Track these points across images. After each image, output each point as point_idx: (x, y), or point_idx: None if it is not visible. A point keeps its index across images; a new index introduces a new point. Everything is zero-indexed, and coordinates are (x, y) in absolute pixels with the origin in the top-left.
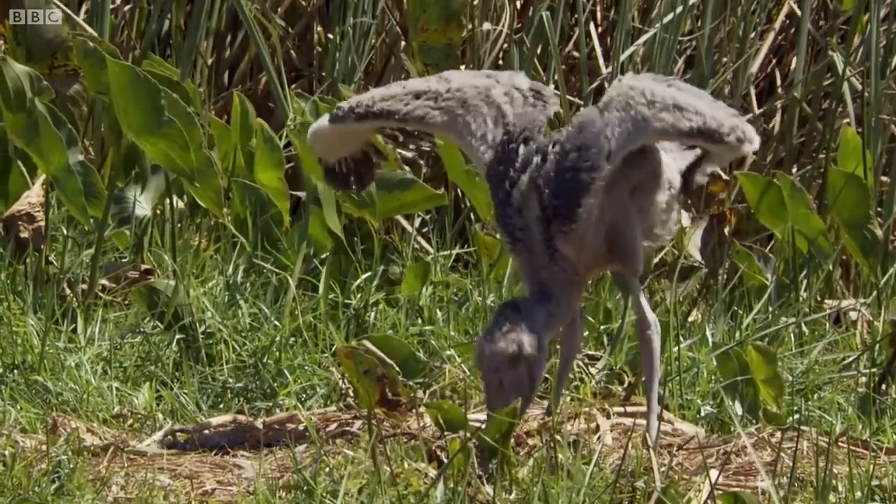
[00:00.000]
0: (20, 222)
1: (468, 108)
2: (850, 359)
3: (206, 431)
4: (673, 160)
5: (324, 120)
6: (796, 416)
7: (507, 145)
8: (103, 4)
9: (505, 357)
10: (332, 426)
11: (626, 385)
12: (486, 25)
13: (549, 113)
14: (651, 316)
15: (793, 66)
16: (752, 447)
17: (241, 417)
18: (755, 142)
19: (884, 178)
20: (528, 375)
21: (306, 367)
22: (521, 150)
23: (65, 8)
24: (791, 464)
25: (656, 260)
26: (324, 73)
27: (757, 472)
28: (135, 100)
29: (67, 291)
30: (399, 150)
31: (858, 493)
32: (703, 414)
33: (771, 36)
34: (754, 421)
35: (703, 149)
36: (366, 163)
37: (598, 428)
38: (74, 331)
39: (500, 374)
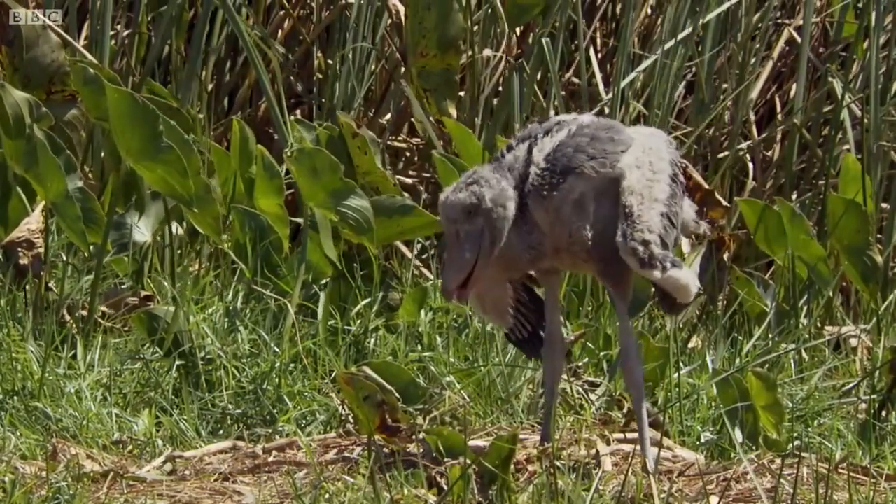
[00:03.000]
0: (20, 249)
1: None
2: (850, 385)
3: (206, 458)
4: (689, 205)
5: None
6: (796, 443)
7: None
8: (103, 31)
9: (462, 207)
10: (332, 452)
11: (625, 411)
12: (487, 52)
13: None
14: (635, 346)
15: (793, 92)
16: (754, 473)
17: (240, 444)
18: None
19: (884, 205)
20: (487, 228)
21: (306, 394)
22: (530, 126)
23: (65, 35)
24: (791, 490)
25: None
26: (324, 99)
27: (758, 498)
28: (133, 126)
29: (67, 318)
30: (398, 176)
31: None
32: (703, 440)
33: (771, 62)
34: (754, 447)
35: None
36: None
37: (597, 454)
38: (74, 357)
39: (457, 224)
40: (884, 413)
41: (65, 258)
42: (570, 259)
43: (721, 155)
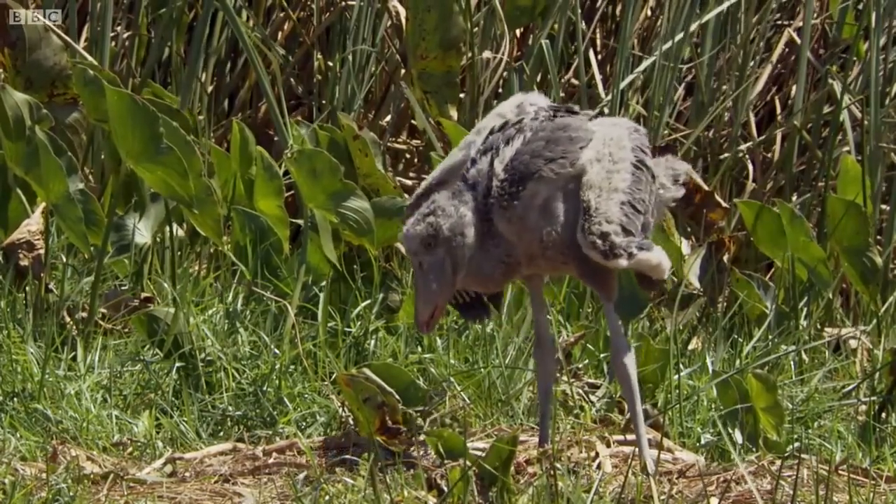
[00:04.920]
0: (20, 250)
1: (480, 131)
2: (850, 387)
3: (207, 460)
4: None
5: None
6: (796, 445)
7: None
8: (103, 32)
9: (420, 240)
10: (332, 454)
11: (626, 413)
12: (486, 53)
13: None
14: (624, 342)
15: (792, 94)
16: (750, 476)
17: (241, 445)
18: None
19: (883, 206)
20: (448, 257)
21: (306, 395)
22: (490, 138)
23: (65, 36)
24: (791, 492)
25: None
26: (324, 101)
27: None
28: (133, 127)
29: (67, 319)
30: (398, 178)
31: None
32: (703, 442)
33: (770, 64)
34: (754, 449)
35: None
36: None
37: (597, 456)
38: (74, 359)
39: (419, 256)
40: (884, 415)
41: (65, 260)
42: (547, 263)
43: (721, 156)
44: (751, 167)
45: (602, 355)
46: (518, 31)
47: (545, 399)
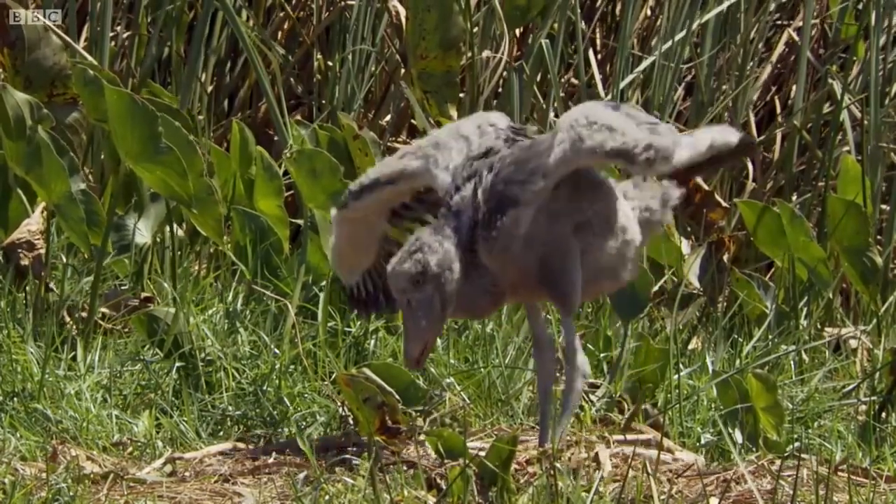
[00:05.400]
0: (20, 250)
1: (440, 146)
2: (851, 387)
3: (208, 458)
4: (632, 209)
5: (333, 221)
6: (796, 444)
7: (465, 162)
8: (103, 32)
9: (408, 278)
10: (332, 454)
11: (626, 413)
12: (486, 53)
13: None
14: (581, 359)
15: (792, 93)
16: (750, 476)
17: (240, 445)
18: (675, 157)
19: (883, 206)
20: (436, 293)
21: (306, 395)
22: (475, 164)
23: (65, 36)
24: (791, 492)
25: (656, 288)
26: (324, 101)
27: (757, 499)
28: (132, 127)
29: (67, 319)
30: None
31: None
32: (703, 442)
33: (770, 64)
34: (754, 449)
35: (627, 170)
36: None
37: (597, 455)
38: (74, 358)
39: (407, 294)
40: (884, 415)
41: (65, 259)
42: (528, 292)
43: None
44: (751, 167)
45: (602, 355)
46: (518, 31)
47: (545, 399)
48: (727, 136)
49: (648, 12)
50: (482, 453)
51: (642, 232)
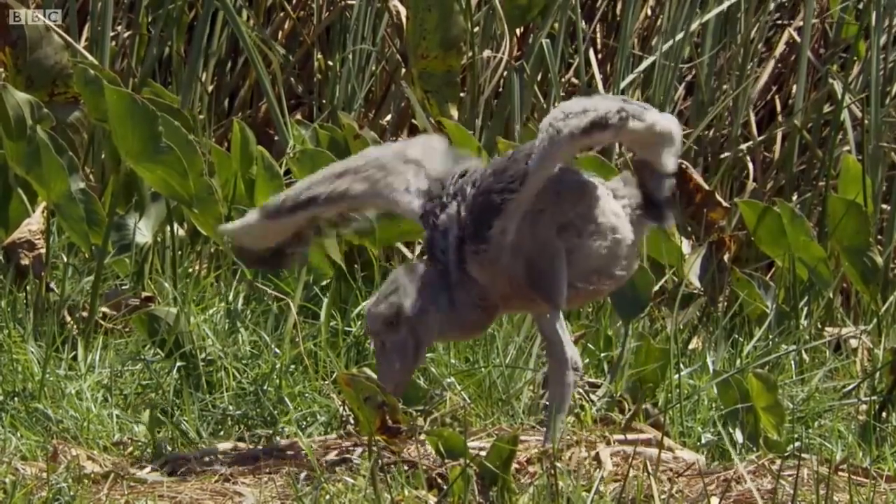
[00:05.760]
0: (21, 250)
1: (387, 170)
2: (851, 386)
3: (208, 458)
4: (623, 206)
5: (251, 217)
6: (797, 444)
7: (444, 181)
8: (103, 32)
9: (383, 320)
10: (333, 453)
11: (627, 412)
12: (487, 53)
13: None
14: (571, 351)
15: (793, 93)
16: (749, 476)
17: (241, 445)
18: (646, 117)
19: (884, 206)
20: (410, 336)
21: (307, 395)
22: (457, 181)
23: (65, 35)
24: (791, 492)
25: (656, 288)
26: (324, 101)
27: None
28: (132, 126)
29: (68, 319)
30: None
31: None
32: (703, 441)
33: (771, 63)
34: (755, 448)
35: (603, 141)
36: (295, 244)
37: (598, 455)
38: (75, 358)
39: (381, 336)
40: (884, 414)
41: (65, 259)
42: (521, 301)
43: (721, 156)
44: (751, 166)
45: (602, 354)
46: (518, 31)
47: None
48: (670, 141)
49: (649, 12)
50: (483, 453)
51: (635, 230)
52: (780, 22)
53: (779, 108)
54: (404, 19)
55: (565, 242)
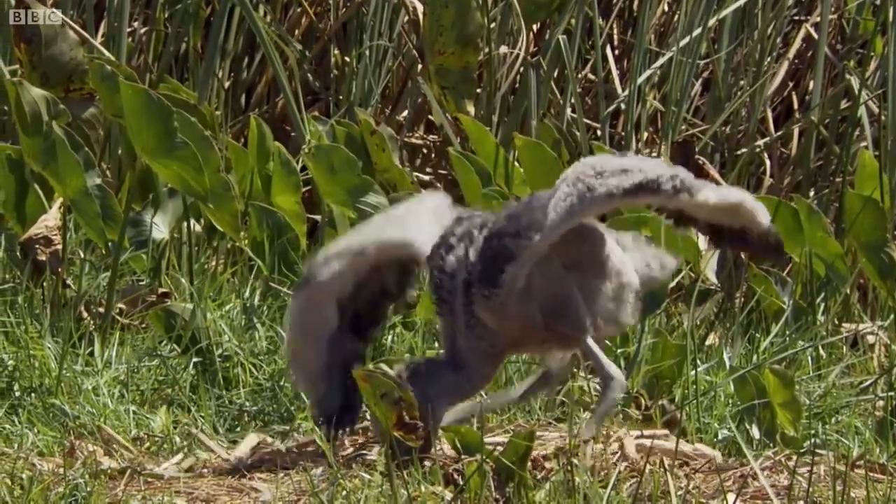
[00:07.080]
0: (37, 245)
1: (404, 223)
2: (868, 382)
3: (226, 455)
4: (631, 258)
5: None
6: (813, 440)
7: (453, 223)
8: (120, 28)
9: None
10: (349, 449)
11: (643, 408)
12: (503, 49)
13: None
14: (612, 370)
15: (810, 89)
16: (763, 473)
17: (266, 438)
18: (695, 192)
19: None
20: (431, 419)
21: None
22: (465, 223)
23: (82, 31)
24: (808, 488)
25: (673, 284)
26: (341, 97)
27: (774, 495)
28: (148, 122)
29: (85, 315)
30: (415, 174)
31: None
32: (720, 437)
33: (788, 60)
34: (771, 444)
35: (648, 203)
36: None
37: (622, 445)
38: (91, 354)
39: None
40: None
41: (82, 255)
42: (532, 345)
43: (738, 152)
44: (768, 163)
45: (619, 350)
46: (535, 27)
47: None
48: (759, 211)
49: (666, 8)
50: (499, 449)
51: (641, 284)
52: (797, 18)
53: (796, 105)
54: (421, 15)
55: (574, 280)
